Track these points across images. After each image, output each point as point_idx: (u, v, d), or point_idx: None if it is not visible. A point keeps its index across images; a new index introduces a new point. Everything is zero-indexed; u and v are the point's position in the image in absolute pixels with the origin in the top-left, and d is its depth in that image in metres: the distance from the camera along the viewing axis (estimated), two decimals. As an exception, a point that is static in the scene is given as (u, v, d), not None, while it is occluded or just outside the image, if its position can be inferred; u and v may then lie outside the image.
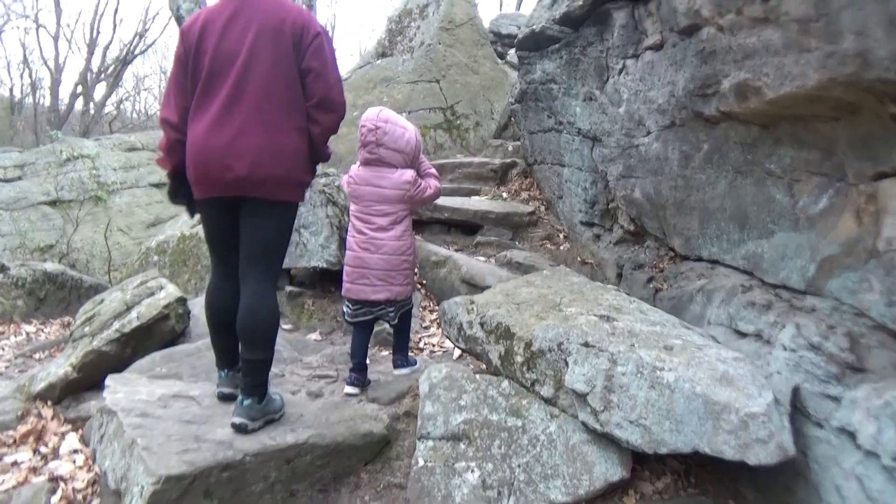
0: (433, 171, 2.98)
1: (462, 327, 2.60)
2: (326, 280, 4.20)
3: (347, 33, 52.00)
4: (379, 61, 6.88)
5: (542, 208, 5.25)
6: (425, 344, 3.65)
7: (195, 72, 2.12)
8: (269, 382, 2.29)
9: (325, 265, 3.99)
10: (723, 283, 2.86)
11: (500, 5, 24.79)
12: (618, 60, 3.72)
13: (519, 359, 2.30)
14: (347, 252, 2.76)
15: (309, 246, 4.05)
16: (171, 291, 3.36)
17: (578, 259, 4.32)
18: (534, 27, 4.79)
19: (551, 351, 2.20)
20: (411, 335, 3.67)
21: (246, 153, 2.04)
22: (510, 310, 2.52)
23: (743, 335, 2.57)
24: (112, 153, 11.90)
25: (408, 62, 6.76)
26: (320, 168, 4.10)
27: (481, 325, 2.51)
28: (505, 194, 5.49)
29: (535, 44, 4.99)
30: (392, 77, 6.68)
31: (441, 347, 3.60)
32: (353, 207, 2.81)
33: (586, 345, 2.13)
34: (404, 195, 2.72)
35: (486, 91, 6.89)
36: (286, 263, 3.97)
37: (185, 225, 5.38)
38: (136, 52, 19.95)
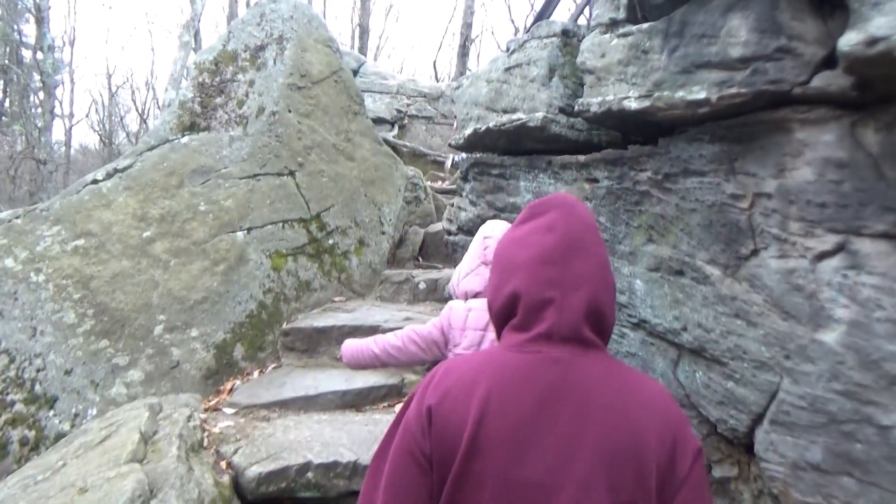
0: None
1: None
2: None
3: (91, 48, 43.88)
4: (185, 138, 4.02)
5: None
6: None
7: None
8: None
9: None
10: None
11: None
12: (820, 231, 1.72)
13: None
14: None
15: None
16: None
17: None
18: (522, 120, 2.61)
19: None
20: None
21: None
22: None
23: None
24: None
25: (239, 141, 4.05)
26: None
27: None
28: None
29: (515, 145, 2.82)
30: (212, 167, 3.91)
31: None
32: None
33: None
34: None
35: (369, 187, 4.44)
36: None
37: None
38: None
